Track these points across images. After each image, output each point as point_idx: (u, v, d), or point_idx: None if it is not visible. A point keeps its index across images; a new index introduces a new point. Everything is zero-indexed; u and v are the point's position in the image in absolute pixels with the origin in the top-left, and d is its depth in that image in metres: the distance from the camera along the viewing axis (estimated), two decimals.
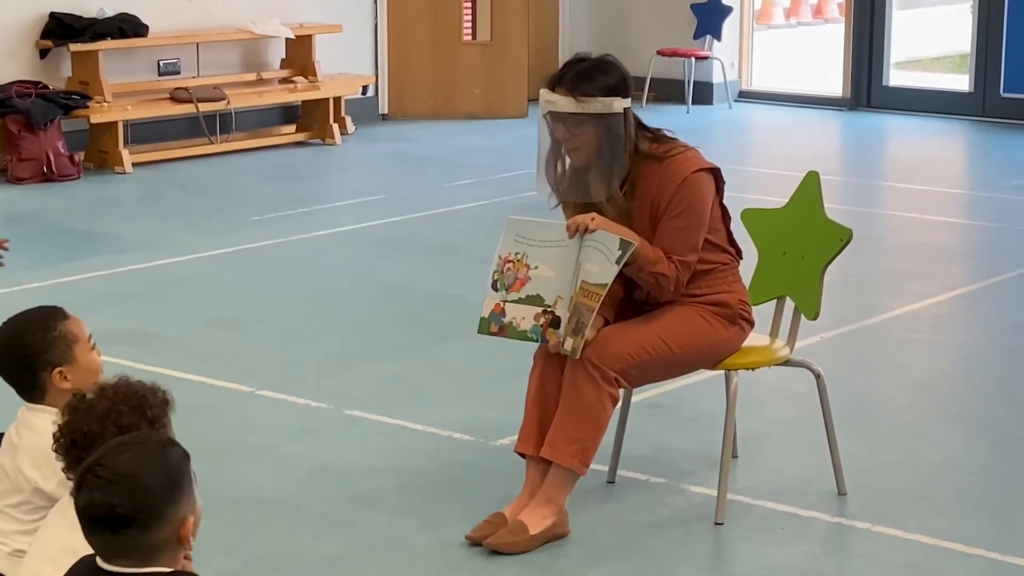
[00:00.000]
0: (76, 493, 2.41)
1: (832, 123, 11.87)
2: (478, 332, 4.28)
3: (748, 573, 4.12)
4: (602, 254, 4.11)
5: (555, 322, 4.16)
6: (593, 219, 4.16)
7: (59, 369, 3.25)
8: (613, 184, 4.23)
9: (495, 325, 4.23)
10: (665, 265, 4.20)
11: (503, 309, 4.22)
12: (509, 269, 4.23)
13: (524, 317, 4.19)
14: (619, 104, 4.20)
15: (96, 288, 6.84)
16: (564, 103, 4.21)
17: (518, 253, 4.23)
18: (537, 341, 4.20)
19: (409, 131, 11.28)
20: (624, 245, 4.09)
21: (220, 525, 4.07)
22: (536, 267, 4.20)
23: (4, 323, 3.39)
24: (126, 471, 2.38)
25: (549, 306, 4.17)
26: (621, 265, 4.10)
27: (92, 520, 2.39)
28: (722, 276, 4.34)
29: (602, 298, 4.10)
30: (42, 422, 3.20)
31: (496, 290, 4.24)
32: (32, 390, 3.27)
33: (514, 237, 4.26)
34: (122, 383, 2.87)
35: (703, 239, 4.27)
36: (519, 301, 4.20)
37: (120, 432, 2.74)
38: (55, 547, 2.79)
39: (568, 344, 4.14)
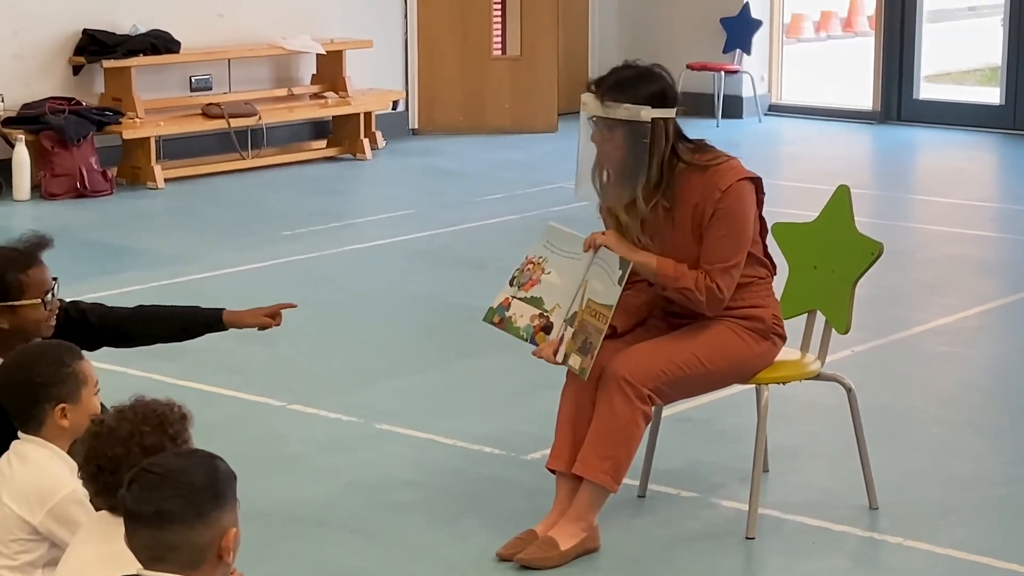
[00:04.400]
0: (126, 491, 2.46)
1: (862, 136, 11.85)
2: (483, 320, 4.40)
3: None
4: (605, 273, 4.20)
5: (547, 328, 4.27)
6: (603, 236, 4.23)
7: (63, 406, 3.24)
8: (635, 191, 4.24)
9: (498, 316, 4.36)
10: (688, 279, 4.20)
11: (510, 303, 4.35)
12: (528, 269, 4.37)
13: (523, 315, 4.32)
14: (646, 113, 4.19)
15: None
16: (593, 106, 4.25)
17: (541, 257, 4.35)
18: (527, 340, 4.30)
19: (439, 146, 11.31)
20: (623, 264, 4.15)
21: (250, 537, 4.07)
22: (549, 273, 4.32)
23: (17, 349, 3.40)
24: (176, 468, 2.47)
25: (546, 311, 4.29)
26: (622, 285, 4.16)
27: (137, 517, 2.44)
28: (757, 290, 4.34)
29: (609, 319, 4.15)
30: (37, 454, 3.22)
31: (511, 285, 4.37)
32: (29, 420, 3.26)
33: (544, 242, 4.37)
34: (140, 403, 2.87)
35: (747, 249, 4.27)
36: (525, 300, 4.33)
37: (145, 453, 2.74)
38: (89, 558, 2.80)
39: (576, 363, 4.19)
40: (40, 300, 3.72)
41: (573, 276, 4.26)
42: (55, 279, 3.83)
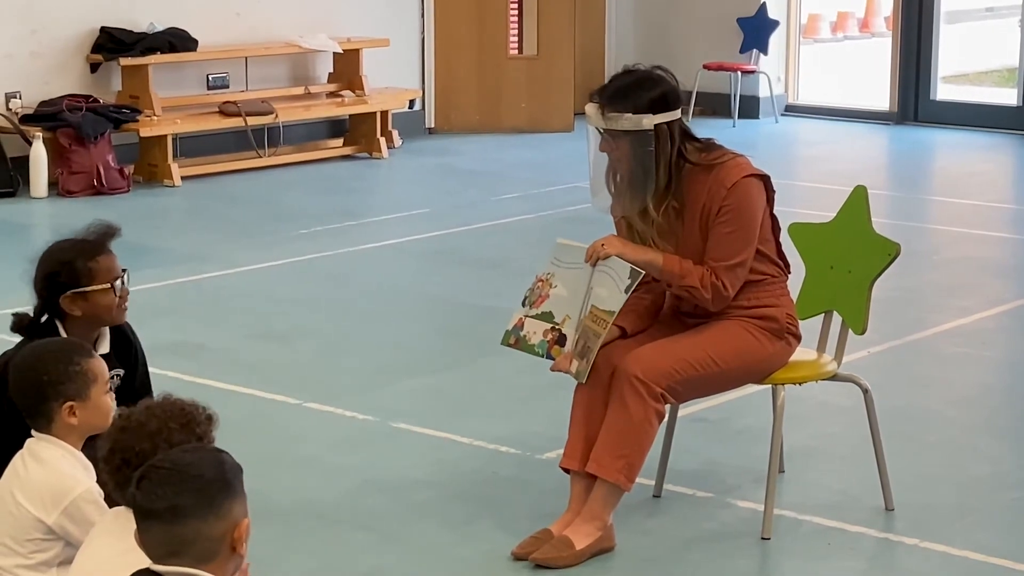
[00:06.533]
0: (136, 490, 2.47)
1: (879, 137, 11.83)
2: (500, 343, 4.39)
3: None
4: (612, 280, 4.20)
5: (561, 340, 4.26)
6: (604, 245, 4.22)
7: (70, 404, 3.25)
8: (645, 199, 4.24)
9: (513, 337, 4.35)
10: (693, 277, 4.21)
11: (523, 323, 4.34)
12: (538, 287, 4.35)
13: (535, 332, 4.31)
14: (648, 121, 4.18)
15: (145, 301, 6.88)
16: (596, 118, 4.24)
17: (549, 273, 4.34)
18: (543, 356, 4.29)
19: (455, 145, 11.32)
20: (634, 274, 4.15)
21: (266, 536, 4.09)
22: (556, 286, 4.31)
23: (29, 346, 3.43)
24: (185, 462, 2.49)
25: (557, 324, 4.28)
26: (629, 294, 4.16)
27: (149, 513, 2.44)
28: (770, 289, 4.34)
29: (609, 324, 4.16)
30: (50, 453, 3.23)
31: (523, 305, 4.36)
32: (38, 418, 3.27)
33: (552, 259, 4.36)
34: (168, 401, 2.89)
35: (754, 246, 4.27)
36: (536, 317, 4.32)
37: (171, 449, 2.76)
38: (104, 554, 2.81)
39: (573, 367, 4.19)
40: (109, 285, 3.83)
41: (578, 286, 4.26)
42: (124, 270, 3.94)
